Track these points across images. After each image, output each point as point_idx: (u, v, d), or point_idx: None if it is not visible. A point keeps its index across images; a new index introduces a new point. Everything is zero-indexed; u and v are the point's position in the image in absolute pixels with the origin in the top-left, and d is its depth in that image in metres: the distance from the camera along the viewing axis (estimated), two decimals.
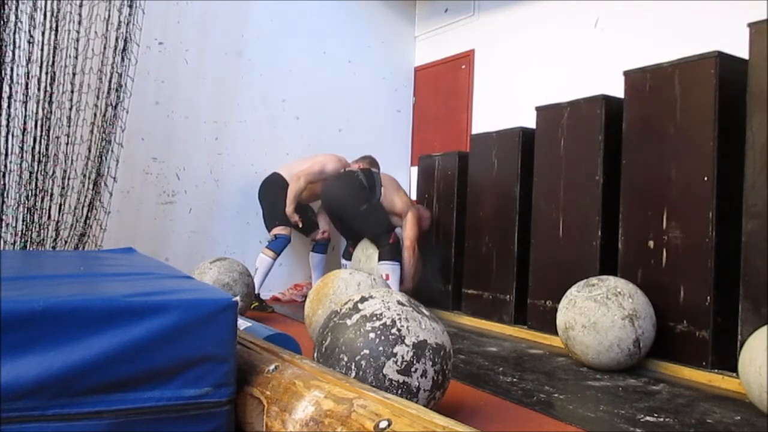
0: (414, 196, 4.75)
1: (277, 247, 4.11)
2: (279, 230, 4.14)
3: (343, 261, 4.30)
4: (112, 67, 3.58)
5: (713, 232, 2.53)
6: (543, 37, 4.32)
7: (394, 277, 3.76)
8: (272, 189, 4.21)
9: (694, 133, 2.64)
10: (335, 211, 4.04)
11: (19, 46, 3.29)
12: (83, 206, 3.49)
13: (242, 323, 2.00)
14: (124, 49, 3.60)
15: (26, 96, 3.31)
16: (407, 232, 3.91)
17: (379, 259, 3.79)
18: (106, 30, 3.58)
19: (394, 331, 1.67)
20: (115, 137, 3.60)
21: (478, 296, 3.85)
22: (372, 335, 1.66)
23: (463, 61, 5.04)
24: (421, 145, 5.34)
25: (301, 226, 4.21)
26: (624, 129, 2.96)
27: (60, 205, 3.42)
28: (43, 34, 3.36)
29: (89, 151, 3.53)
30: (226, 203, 4.45)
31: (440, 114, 5.25)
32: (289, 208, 4.11)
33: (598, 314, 2.56)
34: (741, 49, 2.52)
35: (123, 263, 1.97)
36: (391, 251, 3.78)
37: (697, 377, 2.52)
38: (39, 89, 3.35)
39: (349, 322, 1.73)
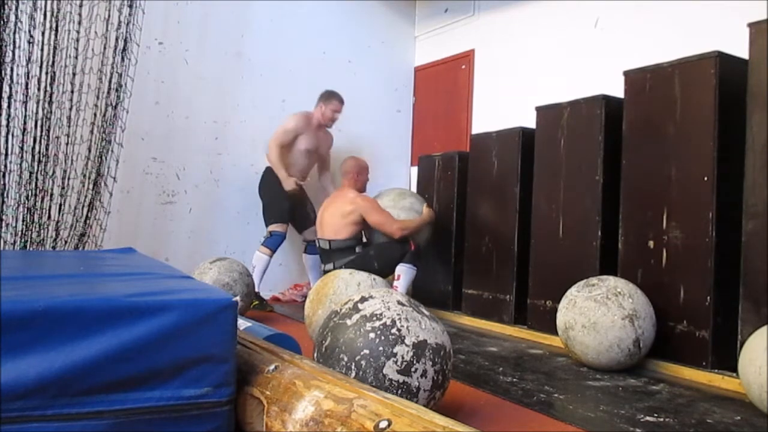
0: None
1: (273, 244, 4.10)
2: (274, 227, 4.13)
3: None
4: (112, 67, 3.58)
5: (713, 232, 2.53)
6: (543, 37, 4.32)
7: (405, 279, 3.78)
8: (265, 184, 4.23)
9: (694, 133, 2.64)
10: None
11: (19, 46, 3.29)
12: (83, 206, 3.49)
13: (242, 323, 2.00)
14: (124, 49, 3.61)
15: (26, 96, 3.31)
16: (386, 229, 3.75)
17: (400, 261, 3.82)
18: (106, 30, 3.58)
19: (394, 331, 1.67)
20: (115, 137, 3.60)
21: (478, 296, 3.85)
22: (372, 335, 1.66)
23: (463, 61, 5.04)
24: (421, 145, 5.34)
25: (301, 184, 4.18)
26: (624, 129, 2.96)
27: (60, 205, 3.42)
28: (43, 34, 3.37)
29: (89, 151, 3.54)
30: (226, 203, 4.45)
31: (440, 114, 5.25)
32: (282, 173, 4.09)
33: (598, 314, 2.56)
34: (741, 49, 2.52)
35: (123, 263, 1.97)
36: (410, 256, 3.80)
37: (697, 377, 2.52)
38: (39, 89, 3.35)
39: (349, 322, 1.73)
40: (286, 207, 4.19)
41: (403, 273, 3.78)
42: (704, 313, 2.54)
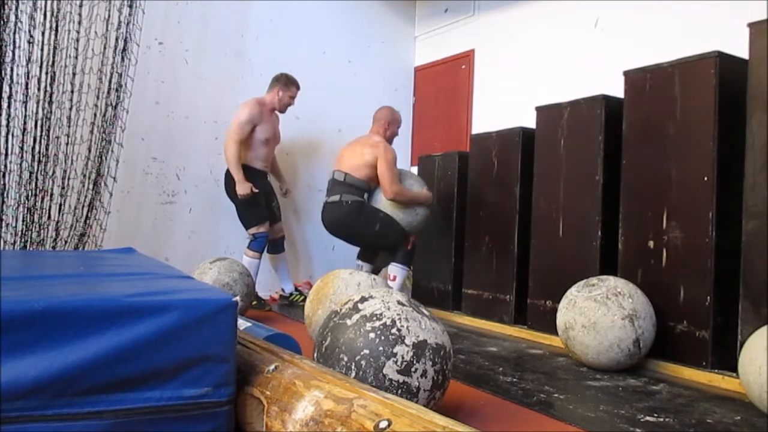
0: None
1: (259, 246, 4.02)
2: (256, 229, 4.01)
3: (358, 262, 4.11)
4: (112, 67, 3.59)
5: (713, 232, 2.53)
6: (543, 37, 4.32)
7: (399, 279, 3.78)
8: (235, 185, 3.99)
9: (694, 133, 2.64)
10: (348, 239, 3.96)
11: (19, 46, 3.30)
12: (83, 206, 3.50)
13: (242, 323, 2.00)
14: (124, 49, 3.61)
15: (26, 96, 3.32)
16: (385, 183, 3.71)
17: (393, 260, 3.81)
18: (106, 30, 3.58)
19: (394, 331, 1.67)
20: (115, 137, 3.60)
21: (478, 296, 3.85)
22: (372, 335, 1.66)
23: (463, 61, 5.04)
24: (421, 145, 5.34)
25: (256, 190, 3.94)
26: (624, 129, 2.96)
27: (60, 205, 3.43)
28: (43, 34, 3.37)
29: (89, 151, 3.54)
30: (226, 203, 4.43)
31: (440, 114, 5.25)
32: (239, 175, 3.84)
33: (598, 314, 2.56)
34: (741, 49, 2.52)
35: (123, 263, 1.97)
36: (405, 255, 3.79)
37: (697, 377, 2.52)
38: (39, 89, 3.36)
39: (349, 322, 1.73)
40: (263, 204, 4.07)
41: (398, 274, 3.79)
42: (704, 313, 2.54)
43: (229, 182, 4.00)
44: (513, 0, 4.57)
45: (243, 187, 3.89)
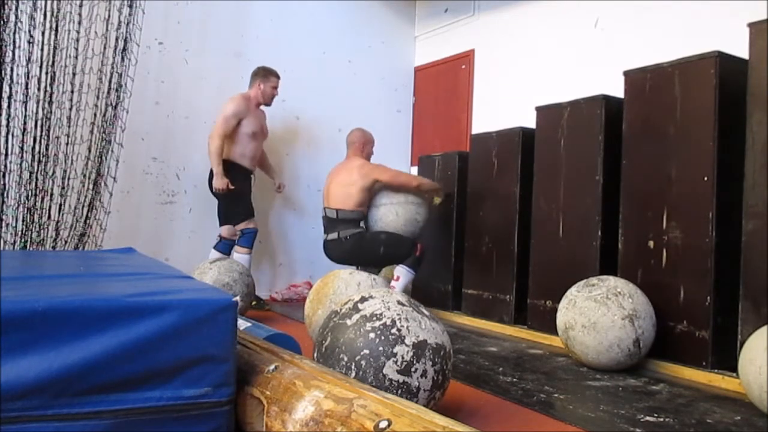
0: None
1: (248, 242, 4.01)
2: (244, 225, 4.01)
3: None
4: (112, 67, 3.59)
5: (713, 232, 2.53)
6: (543, 37, 4.32)
7: (404, 281, 3.76)
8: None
9: (694, 133, 2.64)
10: (358, 265, 3.92)
11: (19, 46, 3.29)
12: (83, 206, 3.50)
13: (242, 323, 2.00)
14: (124, 49, 3.61)
15: (26, 96, 3.32)
16: (402, 179, 3.77)
17: (401, 263, 3.79)
18: (106, 30, 3.58)
19: (394, 331, 1.67)
20: (115, 137, 3.60)
21: (478, 296, 3.85)
22: (372, 335, 1.66)
23: (463, 61, 5.04)
24: (421, 145, 5.34)
25: (232, 187, 3.89)
26: (624, 129, 2.96)
27: (60, 205, 3.43)
28: (43, 34, 3.37)
29: (89, 151, 3.54)
30: None
31: (440, 114, 5.25)
32: (218, 168, 3.82)
33: (598, 314, 2.56)
34: (741, 49, 2.53)
35: (123, 263, 1.97)
36: (413, 260, 3.77)
37: (697, 377, 2.52)
38: (39, 89, 3.35)
39: (349, 322, 1.73)
40: (250, 200, 4.06)
41: (402, 275, 3.76)
42: (704, 313, 2.54)
43: (212, 178, 3.97)
44: (513, 0, 4.57)
45: (220, 182, 3.85)
